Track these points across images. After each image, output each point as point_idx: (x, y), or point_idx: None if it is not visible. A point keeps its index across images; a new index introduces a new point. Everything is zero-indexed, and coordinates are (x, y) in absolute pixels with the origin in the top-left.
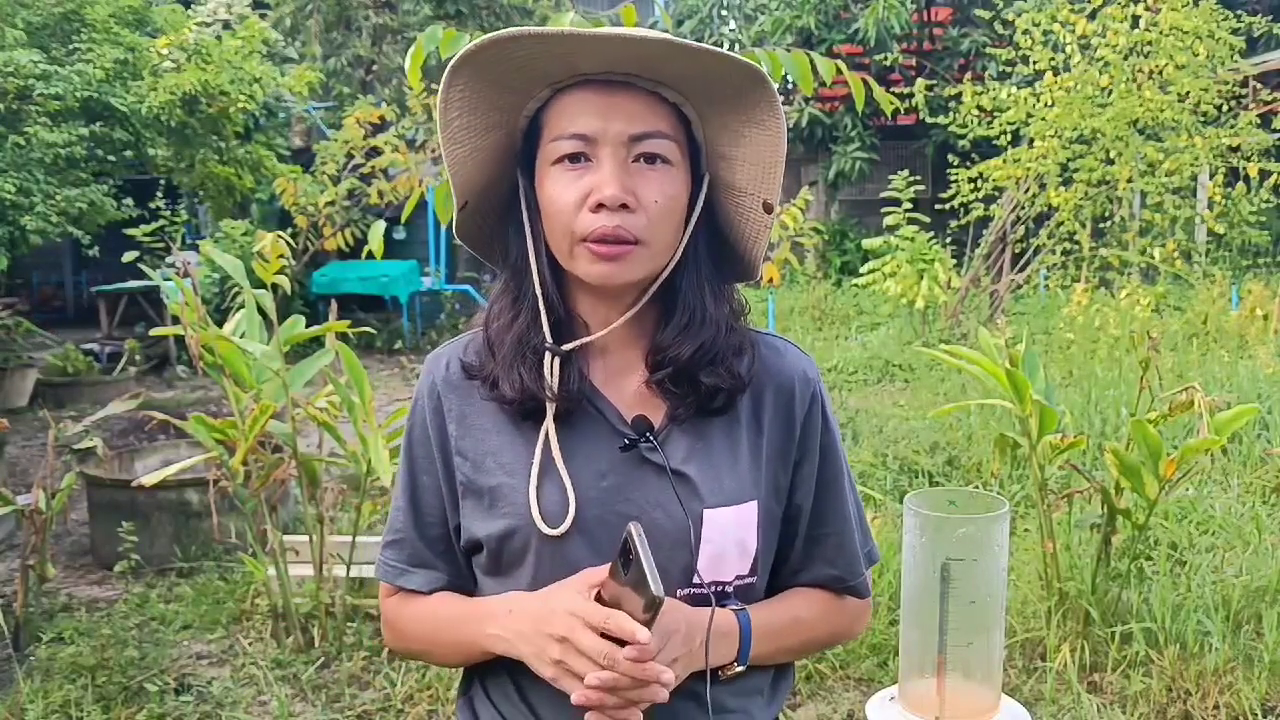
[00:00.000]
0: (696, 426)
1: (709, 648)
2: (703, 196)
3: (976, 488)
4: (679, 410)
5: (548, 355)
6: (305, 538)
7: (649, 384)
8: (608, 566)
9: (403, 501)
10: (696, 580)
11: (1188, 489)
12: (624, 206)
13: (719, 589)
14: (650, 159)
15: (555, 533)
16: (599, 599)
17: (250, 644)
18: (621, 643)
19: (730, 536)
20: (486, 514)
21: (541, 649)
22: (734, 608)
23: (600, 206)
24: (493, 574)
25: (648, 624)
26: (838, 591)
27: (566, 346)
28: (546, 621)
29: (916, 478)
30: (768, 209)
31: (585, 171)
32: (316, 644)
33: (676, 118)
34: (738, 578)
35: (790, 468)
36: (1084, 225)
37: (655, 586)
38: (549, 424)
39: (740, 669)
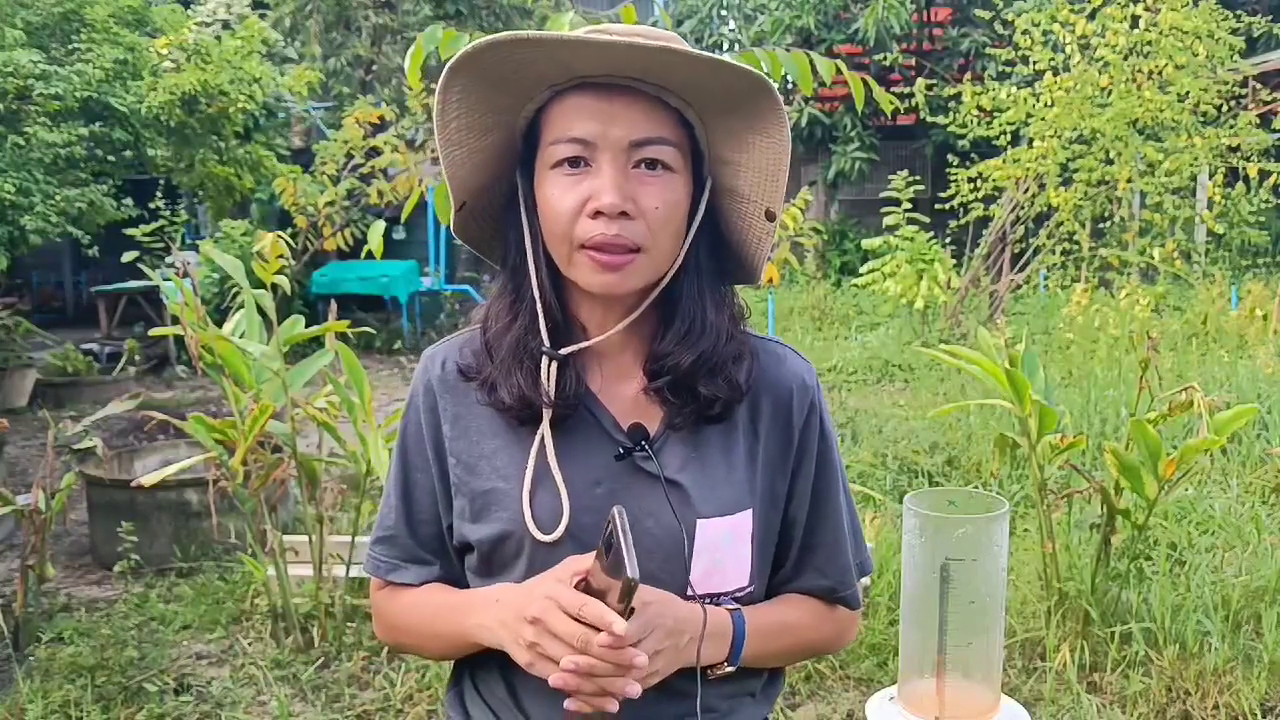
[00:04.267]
0: (693, 435)
1: (700, 648)
2: (704, 202)
3: (976, 488)
4: (676, 419)
5: (545, 359)
6: (305, 538)
7: (646, 390)
8: (593, 554)
9: (395, 499)
10: (690, 592)
11: (1187, 489)
12: (624, 214)
13: (713, 600)
14: (651, 165)
15: (548, 539)
16: (586, 588)
17: (250, 644)
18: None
19: (726, 547)
20: (479, 517)
21: (517, 632)
22: (729, 607)
23: (599, 214)
24: (483, 575)
25: (625, 609)
26: (829, 601)
27: (564, 351)
28: (523, 605)
29: (916, 478)
30: (770, 217)
31: (584, 176)
32: (316, 644)
33: (679, 123)
34: (737, 589)
35: (788, 476)
36: (1084, 225)
37: (631, 569)
38: (545, 429)
39: (730, 669)
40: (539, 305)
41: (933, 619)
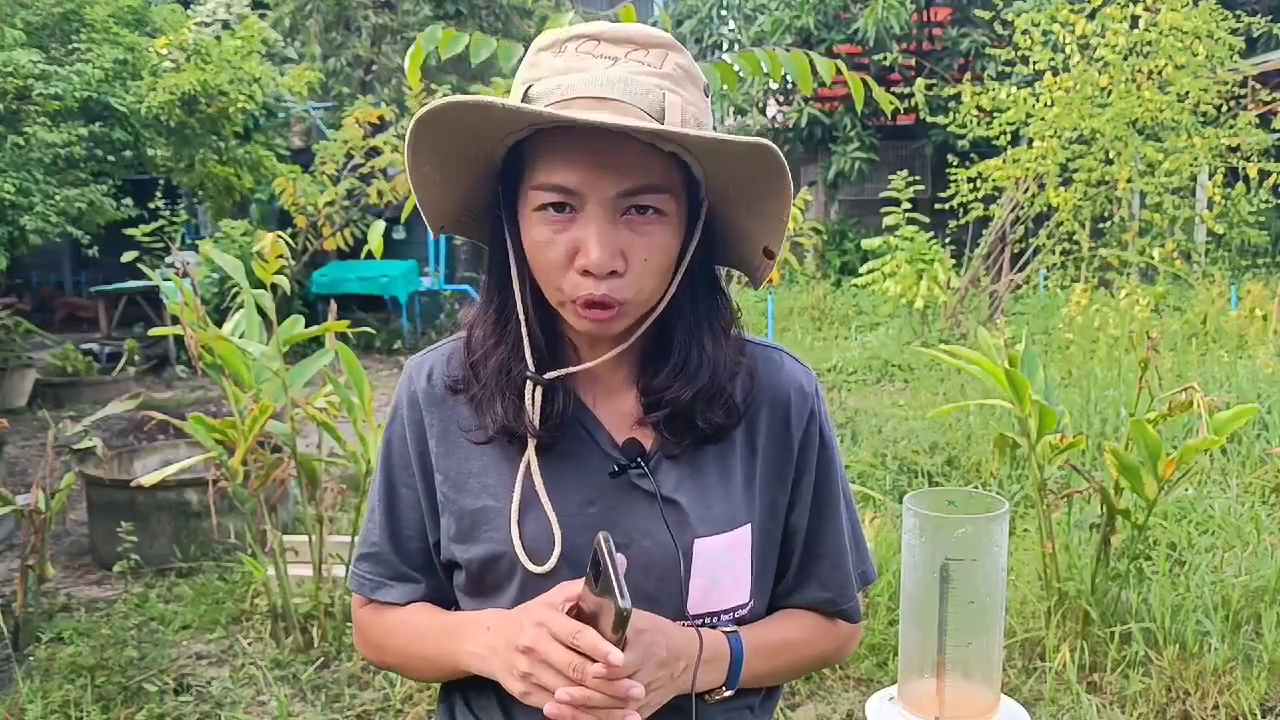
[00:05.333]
0: (689, 453)
1: (696, 675)
2: (698, 233)
3: (976, 488)
4: (674, 451)
5: (529, 384)
6: (305, 538)
7: (642, 419)
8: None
9: (379, 514)
10: (688, 611)
11: (1187, 489)
12: (613, 273)
13: (712, 620)
14: (642, 210)
15: (541, 570)
16: (578, 614)
17: (250, 644)
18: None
19: (724, 565)
20: (468, 537)
21: (510, 662)
22: (726, 630)
23: (587, 272)
24: (473, 595)
25: (619, 639)
26: (829, 615)
27: (550, 376)
28: (515, 633)
29: (916, 478)
30: (769, 255)
31: (569, 223)
32: (316, 644)
33: (673, 165)
34: (737, 605)
35: (788, 486)
36: (1083, 225)
37: (623, 599)
38: (531, 457)
39: (728, 694)
40: (524, 329)
41: (933, 619)
